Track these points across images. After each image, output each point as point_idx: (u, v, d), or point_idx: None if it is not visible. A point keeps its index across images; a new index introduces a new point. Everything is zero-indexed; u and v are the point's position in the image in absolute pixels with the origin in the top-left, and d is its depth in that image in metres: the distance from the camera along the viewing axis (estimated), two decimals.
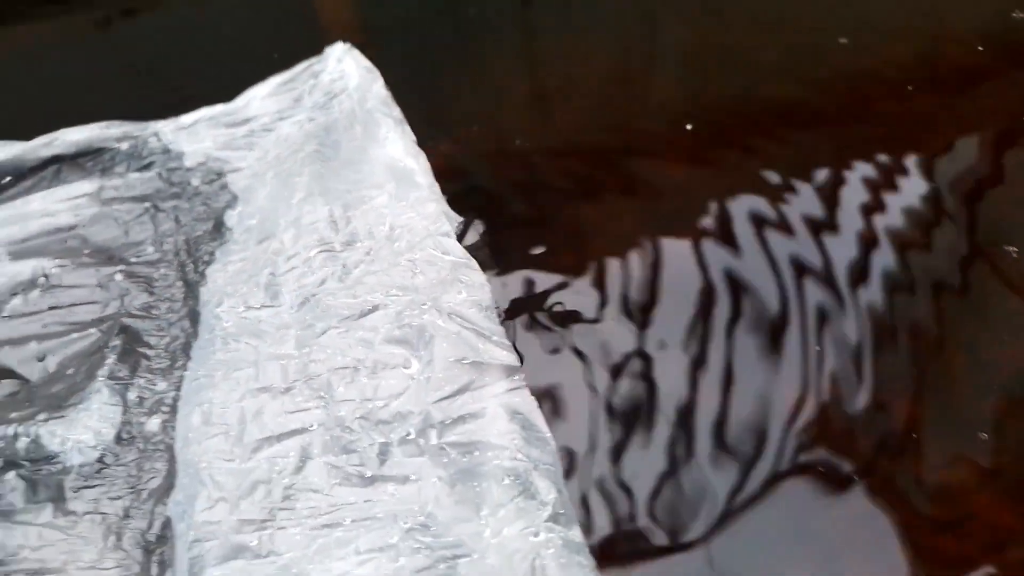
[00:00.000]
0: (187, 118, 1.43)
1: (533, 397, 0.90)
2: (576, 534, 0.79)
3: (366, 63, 1.51)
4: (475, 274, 1.02)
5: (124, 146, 1.41)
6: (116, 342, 1.07)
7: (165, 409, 0.99)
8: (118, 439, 0.97)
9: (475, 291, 1.00)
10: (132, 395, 1.01)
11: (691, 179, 1.27)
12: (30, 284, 1.18)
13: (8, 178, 1.39)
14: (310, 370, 0.95)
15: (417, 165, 1.24)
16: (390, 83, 1.46)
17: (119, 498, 0.92)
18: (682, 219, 1.17)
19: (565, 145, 1.40)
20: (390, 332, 0.97)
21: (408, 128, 1.32)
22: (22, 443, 0.97)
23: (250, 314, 1.04)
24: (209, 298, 1.09)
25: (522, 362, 0.95)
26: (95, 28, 1.90)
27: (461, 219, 1.16)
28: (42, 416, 0.99)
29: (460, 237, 1.14)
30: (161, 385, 1.02)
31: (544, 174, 1.32)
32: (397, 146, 1.27)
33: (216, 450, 0.89)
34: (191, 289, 1.15)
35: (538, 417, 0.88)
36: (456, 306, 0.98)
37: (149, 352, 1.07)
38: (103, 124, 1.43)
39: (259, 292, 1.05)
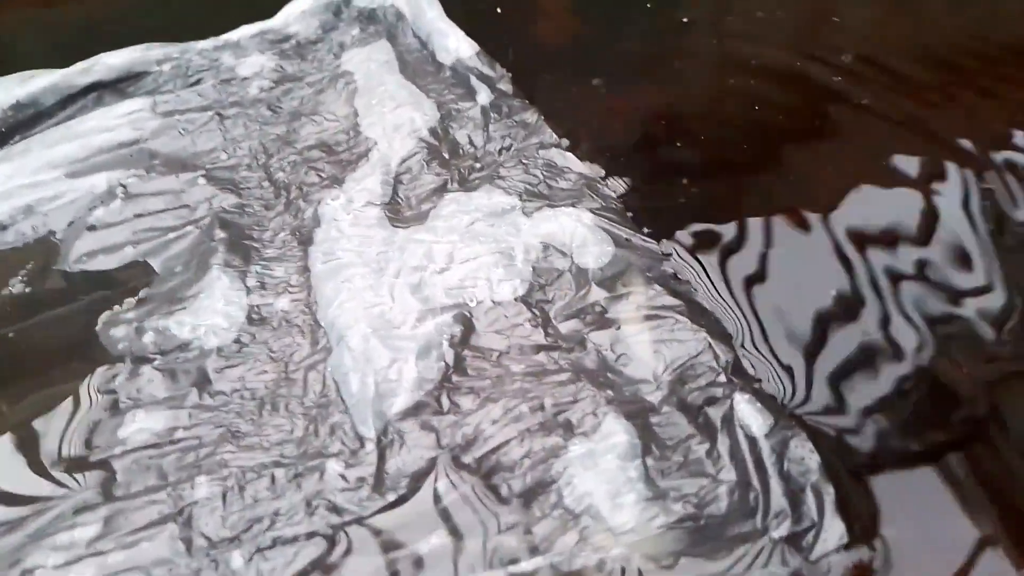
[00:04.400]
0: (233, 35, 1.39)
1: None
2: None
3: None
4: (604, 189, 1.02)
5: (166, 68, 1.37)
6: (222, 235, 1.03)
7: (293, 290, 0.96)
8: (249, 319, 0.94)
9: (610, 202, 1.00)
10: (251, 280, 0.98)
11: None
12: (108, 195, 1.13)
13: (49, 106, 1.32)
14: (463, 254, 0.93)
15: (494, 73, 1.23)
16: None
17: (264, 372, 0.89)
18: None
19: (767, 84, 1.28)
20: (537, 228, 0.96)
21: (464, 34, 1.30)
22: (148, 337, 0.93)
23: (371, 211, 1.02)
24: (320, 196, 1.06)
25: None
26: None
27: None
28: (163, 310, 0.96)
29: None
30: (279, 271, 1.00)
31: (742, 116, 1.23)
32: (469, 54, 1.26)
33: (382, 319, 0.87)
34: (280, 186, 1.12)
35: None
36: (596, 212, 0.98)
37: (255, 244, 1.04)
38: (141, 47, 1.38)
39: (377, 189, 1.03)
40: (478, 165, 1.09)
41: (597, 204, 1.00)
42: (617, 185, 1.06)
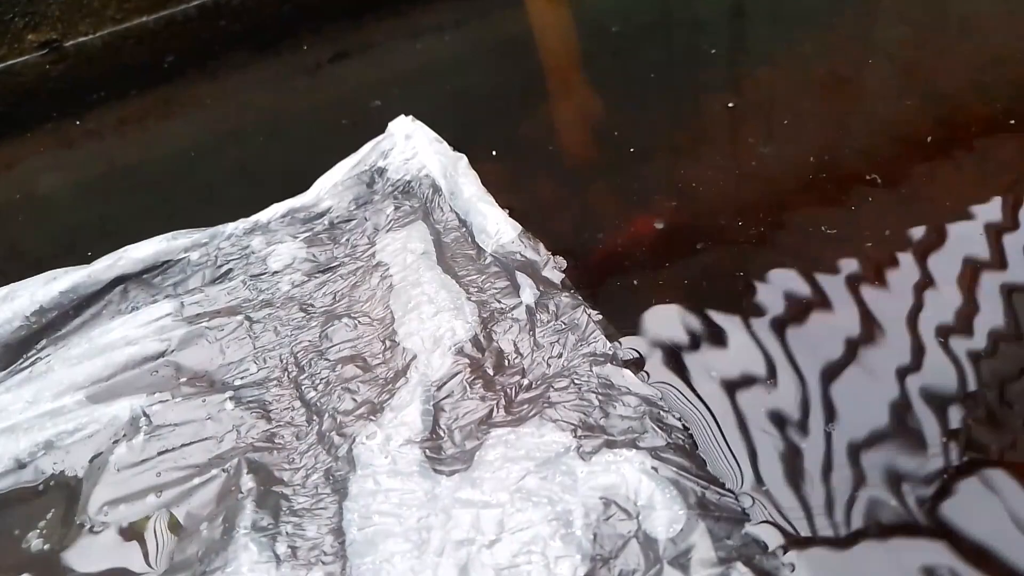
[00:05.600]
0: (263, 215, 1.32)
1: None
2: None
3: (434, 135, 1.40)
4: (669, 418, 0.91)
5: (194, 255, 1.29)
6: (250, 484, 0.94)
7: (327, 559, 0.86)
8: None
9: (676, 436, 0.89)
10: (281, 547, 0.88)
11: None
12: (131, 427, 1.05)
13: (74, 306, 1.26)
14: (515, 521, 0.82)
15: (539, 257, 1.13)
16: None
17: None
18: None
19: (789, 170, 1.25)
20: (596, 479, 0.85)
21: (506, 214, 1.21)
22: None
23: (411, 452, 0.92)
24: (356, 430, 0.97)
25: None
26: (304, 73, 1.87)
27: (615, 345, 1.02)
28: None
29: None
30: (311, 530, 0.89)
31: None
32: (511, 237, 1.16)
33: None
34: (312, 409, 1.03)
35: None
36: (662, 456, 0.86)
37: (285, 490, 0.94)
38: (168, 236, 1.31)
39: (417, 423, 0.93)
40: (526, 381, 0.98)
41: (661, 441, 0.88)
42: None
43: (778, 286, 1.06)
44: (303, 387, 1.06)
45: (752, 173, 1.26)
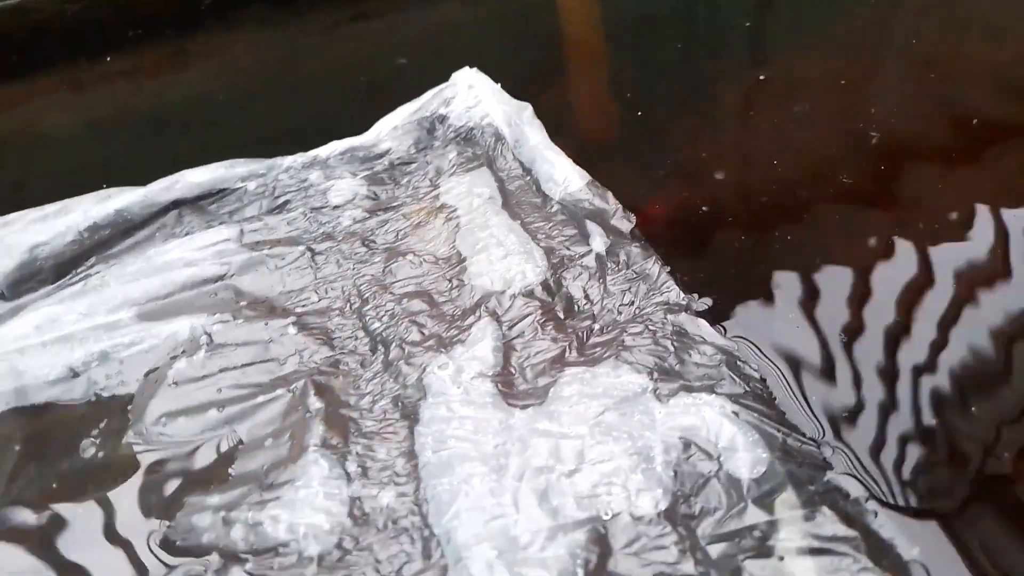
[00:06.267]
0: (322, 151, 1.30)
1: None
2: None
3: (496, 86, 1.39)
4: (747, 369, 0.91)
5: (251, 185, 1.28)
6: (318, 404, 0.93)
7: (400, 480, 0.85)
8: (352, 517, 0.83)
9: (754, 385, 0.89)
10: (352, 466, 0.87)
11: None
12: (191, 344, 1.03)
13: (129, 226, 1.24)
14: (595, 453, 0.82)
15: (608, 206, 1.13)
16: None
17: None
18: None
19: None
20: (675, 420, 0.85)
21: (572, 163, 1.21)
22: (238, 532, 0.82)
23: (483, 384, 0.91)
24: (425, 360, 0.96)
25: None
26: (321, 33, 1.84)
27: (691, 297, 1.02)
28: (254, 498, 0.85)
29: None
30: (381, 451, 0.89)
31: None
32: (579, 185, 1.15)
33: (506, 536, 0.76)
34: (377, 339, 1.02)
35: None
36: (741, 402, 0.86)
37: (352, 413, 0.93)
38: (226, 163, 1.30)
39: (488, 357, 0.93)
40: (597, 326, 0.97)
41: (739, 388, 0.88)
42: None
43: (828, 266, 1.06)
44: (367, 318, 1.05)
45: (770, 158, 1.26)
